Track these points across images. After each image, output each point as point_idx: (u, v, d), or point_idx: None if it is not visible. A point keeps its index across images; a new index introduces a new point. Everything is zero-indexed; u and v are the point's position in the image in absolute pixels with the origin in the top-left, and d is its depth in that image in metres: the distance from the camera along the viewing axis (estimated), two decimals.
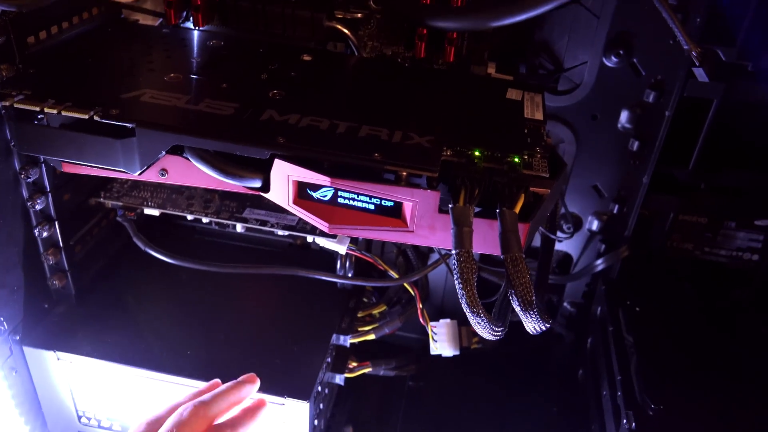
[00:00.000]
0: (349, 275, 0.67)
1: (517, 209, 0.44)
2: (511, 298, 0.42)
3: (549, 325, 0.43)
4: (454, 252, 0.42)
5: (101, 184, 0.64)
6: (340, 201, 0.47)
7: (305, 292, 0.69)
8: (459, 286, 0.41)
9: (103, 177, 0.56)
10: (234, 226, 0.63)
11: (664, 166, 0.71)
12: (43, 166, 0.55)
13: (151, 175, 0.50)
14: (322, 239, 0.60)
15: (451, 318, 0.73)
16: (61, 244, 0.59)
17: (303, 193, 0.47)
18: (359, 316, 0.69)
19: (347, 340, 0.65)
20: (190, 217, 0.62)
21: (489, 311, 0.42)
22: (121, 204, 0.62)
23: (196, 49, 0.61)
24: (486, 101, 0.57)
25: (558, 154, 0.50)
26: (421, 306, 0.67)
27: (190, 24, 0.64)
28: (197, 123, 0.47)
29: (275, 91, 0.53)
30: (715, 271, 0.78)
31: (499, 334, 0.43)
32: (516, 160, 0.47)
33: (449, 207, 0.43)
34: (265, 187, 0.48)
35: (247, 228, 0.62)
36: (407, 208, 0.45)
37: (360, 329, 0.68)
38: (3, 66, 0.50)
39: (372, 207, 0.46)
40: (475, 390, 0.84)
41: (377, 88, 0.58)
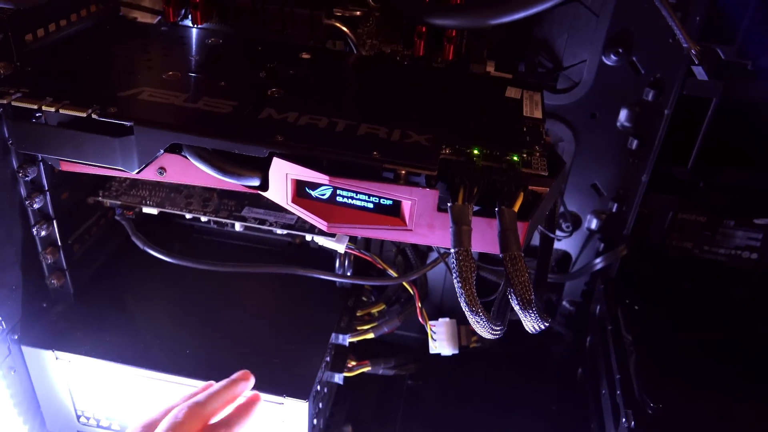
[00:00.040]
0: (348, 274, 0.67)
1: (516, 208, 0.44)
2: (510, 296, 0.42)
3: (548, 324, 0.43)
4: (452, 251, 0.42)
5: (99, 182, 0.64)
6: (339, 199, 0.47)
7: (304, 291, 0.69)
8: (458, 285, 0.41)
9: (101, 176, 0.56)
10: (233, 224, 0.62)
11: (664, 165, 0.71)
12: (41, 165, 0.55)
13: (149, 173, 0.50)
14: (321, 238, 0.60)
15: (450, 317, 0.73)
16: (59, 243, 0.59)
17: (302, 191, 0.47)
18: (358, 315, 0.69)
19: (346, 339, 0.65)
20: (188, 216, 0.62)
21: (488, 310, 0.42)
22: (119, 203, 0.62)
23: (194, 47, 0.61)
24: (485, 99, 0.57)
25: (557, 152, 0.50)
26: (420, 305, 0.67)
27: (188, 22, 0.64)
28: (196, 121, 0.47)
29: (274, 89, 0.53)
30: (714, 269, 0.77)
31: (498, 333, 0.43)
32: (515, 158, 0.46)
33: (448, 205, 0.43)
34: (264, 185, 0.48)
35: (246, 227, 0.62)
36: (406, 207, 0.45)
37: (359, 328, 0.68)
38: (1, 64, 0.50)
39: (371, 206, 0.46)
40: (474, 389, 0.84)
41: (376, 87, 0.58)
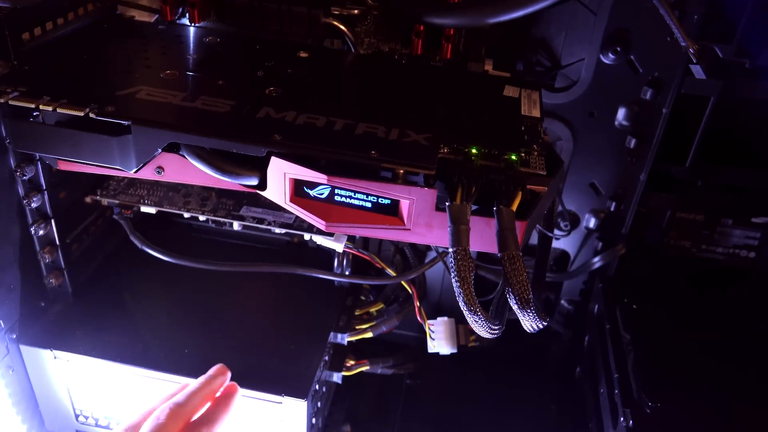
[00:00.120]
0: (347, 273, 0.67)
1: (514, 207, 0.44)
2: (508, 296, 0.42)
3: (546, 323, 0.43)
4: (451, 250, 0.42)
5: (97, 181, 0.63)
6: (337, 199, 0.46)
7: (302, 290, 0.68)
8: (456, 284, 0.41)
9: (99, 175, 0.55)
10: (231, 224, 0.62)
11: (662, 164, 0.71)
12: (39, 164, 0.55)
13: (147, 172, 0.50)
14: (319, 237, 0.60)
15: (448, 316, 0.72)
16: (57, 242, 0.59)
17: (300, 190, 0.47)
18: (357, 314, 0.69)
19: (345, 338, 0.65)
20: (186, 215, 0.62)
21: (486, 309, 0.42)
22: (117, 202, 0.62)
23: (192, 45, 0.61)
24: (483, 98, 0.57)
25: (555, 151, 0.50)
26: (418, 304, 0.67)
27: (186, 20, 0.64)
28: (193, 120, 0.47)
29: (272, 88, 0.53)
30: (712, 268, 0.78)
31: (497, 332, 0.43)
32: (513, 157, 0.46)
33: (446, 205, 0.43)
34: (262, 184, 0.48)
35: (244, 226, 0.62)
36: (404, 206, 0.45)
37: (357, 327, 0.68)
38: None
39: (369, 205, 0.46)
40: (473, 388, 0.84)
41: (374, 85, 0.58)
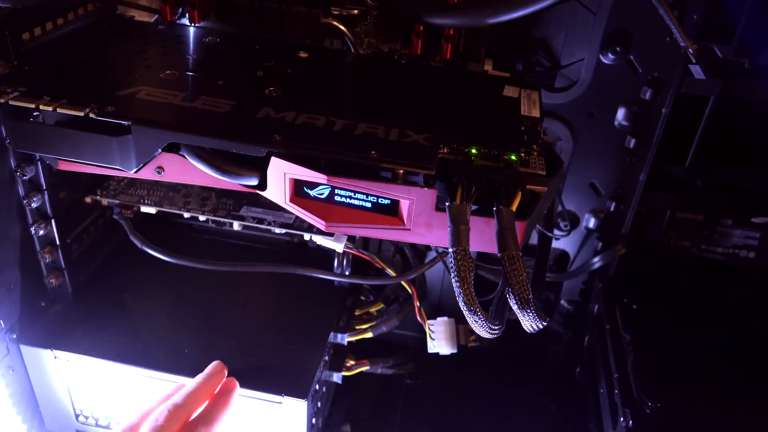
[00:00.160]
0: (347, 273, 0.67)
1: (514, 207, 0.44)
2: (508, 296, 0.42)
3: (546, 323, 0.43)
4: (451, 250, 0.42)
5: (97, 181, 0.63)
6: (337, 199, 0.46)
7: (302, 290, 0.68)
8: (456, 284, 0.41)
9: (99, 175, 0.56)
10: (231, 224, 0.62)
11: (661, 164, 0.71)
12: (39, 164, 0.55)
13: (147, 172, 0.50)
14: (319, 237, 0.60)
15: (448, 316, 0.72)
16: (57, 242, 0.59)
17: (300, 191, 0.47)
18: (357, 314, 0.69)
19: (345, 339, 0.65)
20: (186, 215, 0.62)
21: (486, 309, 0.42)
22: (117, 202, 0.62)
23: (192, 46, 0.61)
24: (483, 98, 0.57)
25: (555, 151, 0.50)
26: (418, 304, 0.67)
27: (185, 20, 0.64)
28: (193, 120, 0.47)
29: (272, 89, 0.53)
30: (712, 268, 0.77)
31: (497, 332, 0.43)
32: (513, 157, 0.46)
33: (446, 205, 0.43)
34: (262, 185, 0.48)
35: (244, 226, 0.62)
36: (404, 206, 0.45)
37: (357, 327, 0.68)
38: None
39: (369, 205, 0.46)
40: (473, 388, 0.84)
41: (374, 86, 0.58)
